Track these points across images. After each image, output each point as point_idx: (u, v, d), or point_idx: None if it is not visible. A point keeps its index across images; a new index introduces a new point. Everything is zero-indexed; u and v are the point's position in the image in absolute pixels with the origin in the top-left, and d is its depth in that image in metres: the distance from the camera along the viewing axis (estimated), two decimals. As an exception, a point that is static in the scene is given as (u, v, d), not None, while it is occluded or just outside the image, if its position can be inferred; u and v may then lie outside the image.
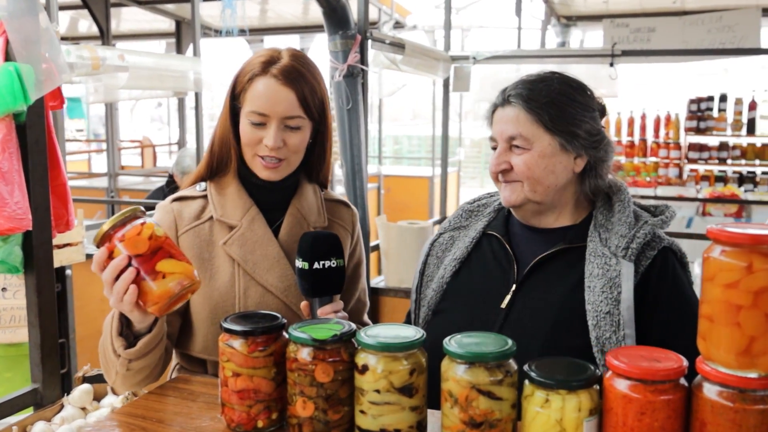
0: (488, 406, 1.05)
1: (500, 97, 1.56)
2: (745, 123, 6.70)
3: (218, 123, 1.62)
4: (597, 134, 1.54)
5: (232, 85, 1.58)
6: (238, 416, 1.20)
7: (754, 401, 0.94)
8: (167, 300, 1.29)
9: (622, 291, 1.42)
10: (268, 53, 1.56)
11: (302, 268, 1.43)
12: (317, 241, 1.45)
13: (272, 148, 1.53)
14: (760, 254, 0.92)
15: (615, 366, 1.01)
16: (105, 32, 6.65)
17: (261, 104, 1.52)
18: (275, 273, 1.58)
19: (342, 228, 1.73)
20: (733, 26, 5.83)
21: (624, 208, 1.53)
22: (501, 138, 1.54)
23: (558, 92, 1.52)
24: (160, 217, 1.62)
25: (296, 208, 1.65)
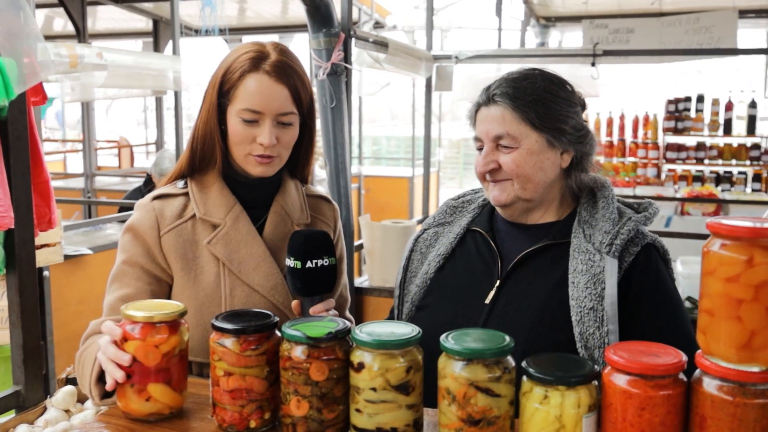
0: (486, 403, 1.04)
1: (484, 96, 1.55)
2: (722, 123, 6.78)
3: (200, 120, 1.57)
4: (582, 129, 1.55)
5: (218, 82, 1.53)
6: (230, 416, 1.18)
7: (755, 395, 0.94)
8: (137, 415, 1.23)
9: (606, 287, 1.42)
10: (255, 48, 1.53)
11: (294, 267, 1.40)
12: (309, 240, 1.42)
13: (267, 146, 1.50)
14: (761, 247, 0.92)
15: (614, 361, 1.01)
16: (81, 31, 6.57)
17: (255, 102, 1.49)
18: (261, 272, 1.56)
19: (324, 224, 1.72)
20: (710, 27, 5.89)
21: (608, 205, 1.53)
22: (487, 137, 1.53)
23: (543, 89, 1.52)
24: (141, 216, 1.57)
25: (280, 205, 1.63)
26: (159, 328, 1.21)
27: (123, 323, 1.22)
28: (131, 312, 1.21)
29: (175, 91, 4.68)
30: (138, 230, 1.55)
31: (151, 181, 4.95)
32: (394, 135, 18.89)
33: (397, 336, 1.10)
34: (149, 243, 1.54)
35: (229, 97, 1.52)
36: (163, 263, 1.55)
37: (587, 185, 1.60)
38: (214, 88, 1.54)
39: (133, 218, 1.58)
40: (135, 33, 9.15)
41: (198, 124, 1.57)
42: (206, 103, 1.55)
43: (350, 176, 3.17)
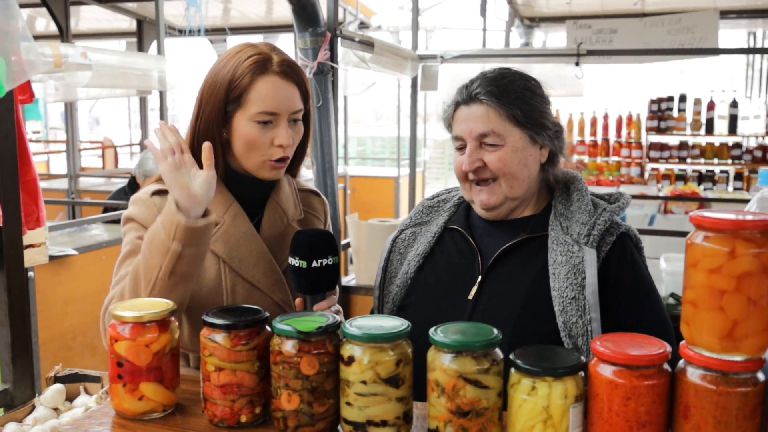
0: (475, 394, 1.06)
1: (464, 94, 1.57)
2: (704, 123, 6.85)
3: (200, 123, 1.53)
4: (557, 125, 1.60)
5: (223, 89, 1.50)
6: (221, 411, 1.19)
7: (737, 384, 0.96)
8: (131, 415, 1.23)
9: (586, 276, 1.46)
10: (254, 51, 1.51)
11: (300, 266, 1.41)
12: (315, 240, 1.44)
13: (287, 146, 1.51)
14: (743, 239, 0.94)
15: (600, 352, 1.03)
16: (64, 31, 6.52)
17: (271, 103, 1.49)
18: (261, 269, 1.57)
19: (316, 218, 1.74)
20: (692, 28, 5.95)
21: (582, 197, 1.58)
22: (470, 136, 1.55)
23: (522, 87, 1.56)
24: (142, 210, 1.55)
25: (276, 202, 1.64)
26: (149, 327, 1.21)
27: (113, 324, 1.23)
28: (120, 312, 1.21)
29: (160, 91, 4.66)
30: (142, 222, 1.53)
31: (135, 182, 4.92)
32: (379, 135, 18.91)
33: (387, 329, 1.11)
34: None
35: (239, 102, 1.50)
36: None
37: (560, 179, 1.64)
38: (218, 95, 1.50)
39: (133, 212, 1.56)
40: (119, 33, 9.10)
41: (199, 127, 1.54)
42: (209, 108, 1.52)
43: (337, 176, 3.18)
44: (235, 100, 1.50)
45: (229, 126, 1.52)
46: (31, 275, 3.81)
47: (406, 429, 1.14)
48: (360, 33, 3.50)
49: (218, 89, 1.51)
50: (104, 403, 1.30)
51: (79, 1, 6.90)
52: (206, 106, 1.52)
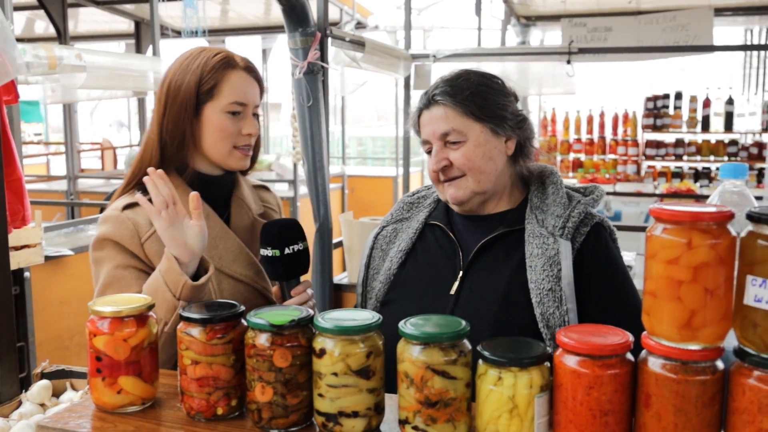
0: (443, 385, 1.08)
1: (424, 99, 1.63)
2: (700, 120, 6.87)
3: (167, 122, 1.58)
4: (519, 115, 1.64)
5: (194, 83, 1.57)
6: (197, 404, 1.21)
7: (696, 372, 0.98)
8: (110, 408, 1.25)
9: (561, 268, 1.49)
10: (216, 51, 1.61)
11: (273, 255, 1.47)
12: (284, 229, 1.50)
13: (254, 134, 1.61)
14: (699, 231, 0.96)
15: (564, 343, 1.05)
16: (62, 33, 6.55)
17: (241, 95, 1.59)
18: (241, 263, 1.62)
19: (273, 211, 1.81)
20: (687, 25, 5.97)
21: (557, 190, 1.61)
22: (434, 137, 1.60)
23: (477, 83, 1.60)
24: (116, 228, 1.56)
25: (240, 198, 1.70)
26: (127, 322, 1.23)
27: (91, 319, 1.25)
28: (99, 308, 1.23)
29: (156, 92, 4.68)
30: (119, 241, 1.55)
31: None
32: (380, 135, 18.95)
33: (358, 322, 1.13)
34: (134, 251, 1.56)
35: (212, 94, 1.57)
36: (152, 267, 1.56)
37: (536, 173, 1.67)
38: (188, 91, 1.57)
39: (107, 231, 1.56)
40: (117, 35, 9.14)
41: (166, 126, 1.59)
42: (176, 105, 1.58)
43: (328, 174, 3.20)
44: (207, 92, 1.57)
45: (198, 119, 1.59)
46: (27, 275, 3.85)
47: (377, 420, 1.16)
48: (351, 33, 3.52)
49: (187, 85, 1.57)
50: (84, 397, 1.32)
51: (77, 3, 6.93)
52: (173, 104, 1.58)
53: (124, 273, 1.54)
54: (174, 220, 1.45)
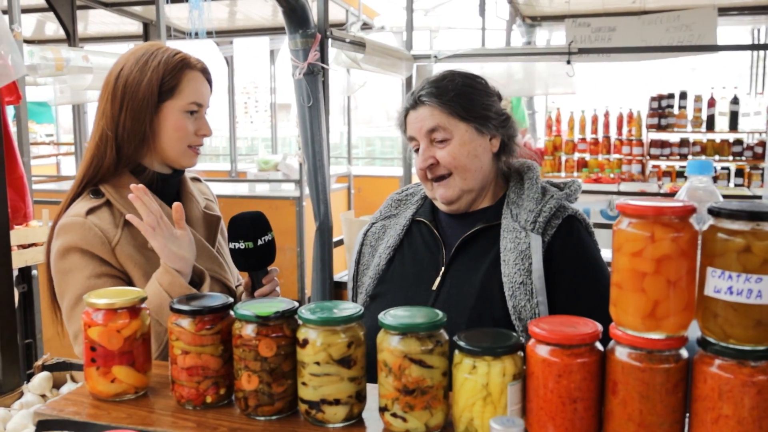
0: (420, 373, 1.12)
1: (410, 100, 1.67)
2: (705, 120, 6.87)
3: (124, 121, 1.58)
4: (503, 114, 1.68)
5: (156, 81, 1.58)
6: (187, 392, 1.26)
7: (660, 361, 1.02)
8: (104, 396, 1.30)
9: (532, 262, 1.54)
10: (172, 50, 1.65)
11: (246, 248, 1.52)
12: (255, 222, 1.55)
13: (207, 134, 1.66)
14: (662, 224, 1.00)
15: (536, 333, 1.09)
16: (71, 35, 6.62)
17: (199, 95, 1.64)
18: (204, 256, 1.67)
19: (211, 202, 1.86)
20: (691, 25, 5.98)
21: (533, 185, 1.65)
22: (420, 134, 1.64)
23: (462, 84, 1.65)
24: (84, 235, 1.54)
25: (189, 193, 1.76)
26: (120, 313, 1.28)
27: (87, 311, 1.30)
28: (93, 300, 1.28)
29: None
30: (88, 249, 1.54)
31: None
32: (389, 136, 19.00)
33: (339, 314, 1.18)
34: (105, 258, 1.55)
35: (172, 94, 1.61)
36: (123, 271, 1.58)
37: (516, 169, 1.71)
38: (149, 89, 1.58)
39: (73, 239, 1.54)
40: (126, 36, 9.21)
41: (123, 124, 1.59)
42: (135, 103, 1.58)
43: (328, 173, 3.24)
44: (168, 91, 1.61)
45: (157, 117, 1.61)
46: (35, 273, 3.91)
47: (359, 407, 1.20)
48: (352, 34, 3.57)
49: (148, 82, 1.58)
50: (80, 386, 1.37)
51: (86, 5, 7.00)
52: (132, 101, 1.58)
53: (99, 282, 1.53)
54: (167, 235, 1.50)
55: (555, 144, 7.11)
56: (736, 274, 0.96)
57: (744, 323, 0.97)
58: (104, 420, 1.22)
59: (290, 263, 6.03)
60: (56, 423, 1.24)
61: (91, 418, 1.23)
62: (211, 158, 17.26)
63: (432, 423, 1.15)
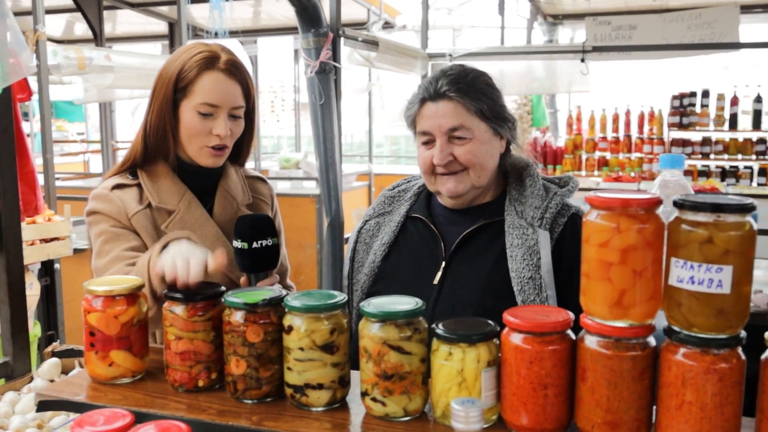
0: (398, 359, 1.17)
1: (430, 91, 1.64)
2: (728, 118, 6.80)
3: (152, 115, 1.67)
4: (512, 117, 1.70)
5: (173, 79, 1.64)
6: (180, 376, 1.32)
7: (627, 348, 1.05)
8: (102, 379, 1.36)
9: (541, 257, 1.56)
10: (205, 49, 1.66)
11: (242, 248, 1.54)
12: (255, 224, 1.57)
13: (223, 137, 1.65)
14: (628, 216, 1.03)
15: (509, 321, 1.12)
16: (98, 35, 6.75)
17: (212, 96, 1.63)
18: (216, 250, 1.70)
19: (263, 202, 1.88)
20: (712, 23, 5.93)
21: (534, 183, 1.67)
22: (440, 131, 1.62)
23: (484, 83, 1.66)
24: (105, 205, 1.66)
25: (225, 189, 1.78)
26: (118, 300, 1.34)
27: (86, 297, 1.36)
28: (93, 287, 1.34)
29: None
30: (109, 214, 1.66)
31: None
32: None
33: (323, 301, 1.23)
34: (124, 223, 1.66)
35: (185, 92, 1.64)
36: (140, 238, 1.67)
37: (515, 166, 1.73)
38: (168, 85, 1.65)
39: (96, 206, 1.67)
40: (153, 36, 9.37)
41: (151, 118, 1.68)
42: (159, 99, 1.66)
43: (340, 171, 3.29)
44: (183, 89, 1.65)
45: (177, 114, 1.67)
46: (57, 267, 4.03)
47: (342, 392, 1.25)
48: (365, 33, 3.61)
49: (168, 80, 1.65)
50: (82, 371, 1.43)
51: (113, 5, 7.14)
52: (158, 97, 1.67)
53: (122, 231, 1.64)
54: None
55: (575, 143, 7.08)
56: (697, 264, 0.99)
57: (706, 312, 1.00)
58: (101, 401, 1.28)
59: (310, 260, 6.09)
60: (55, 403, 1.30)
61: (88, 398, 1.30)
62: (237, 157, 17.35)
63: (410, 407, 1.19)
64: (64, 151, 12.85)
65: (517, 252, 1.59)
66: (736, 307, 1.00)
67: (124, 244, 1.64)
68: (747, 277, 1.00)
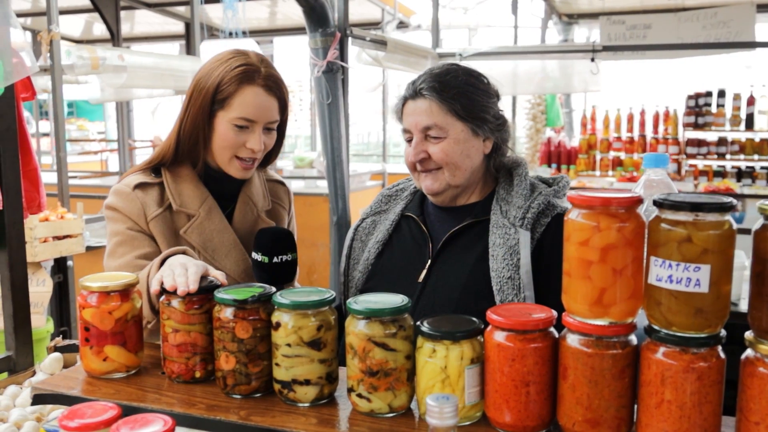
0: (383, 356, 1.18)
1: (411, 90, 1.68)
2: (744, 118, 6.73)
3: (188, 120, 1.67)
4: (500, 117, 1.69)
5: (212, 89, 1.63)
6: (177, 368, 1.34)
7: (607, 347, 1.06)
8: (97, 374, 1.38)
9: (521, 257, 1.55)
10: (244, 61, 1.64)
11: (262, 261, 1.57)
12: (276, 238, 1.59)
13: (257, 151, 1.66)
14: (608, 215, 1.04)
15: (492, 319, 1.13)
16: (115, 35, 6.82)
17: (250, 111, 1.63)
18: (232, 258, 1.71)
19: (281, 207, 1.88)
20: (728, 22, 5.89)
21: (521, 182, 1.66)
22: (416, 129, 1.66)
23: (464, 82, 1.66)
24: (126, 204, 1.67)
25: (247, 195, 1.78)
26: (112, 296, 1.37)
27: (82, 293, 1.39)
28: (88, 283, 1.37)
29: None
30: (128, 214, 1.66)
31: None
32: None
33: (311, 299, 1.24)
34: (141, 226, 1.67)
35: (223, 104, 1.63)
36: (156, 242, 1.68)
37: (506, 165, 1.73)
38: (206, 95, 1.63)
39: (116, 203, 1.68)
40: (170, 36, 9.45)
41: (185, 123, 1.68)
42: (195, 107, 1.65)
43: (347, 170, 3.31)
44: (221, 101, 1.64)
45: (211, 123, 1.66)
46: (70, 264, 4.08)
47: (329, 388, 1.26)
48: (373, 32, 3.63)
49: (207, 89, 1.64)
50: (77, 365, 1.46)
51: (130, 6, 7.21)
52: (194, 104, 1.66)
53: (137, 235, 1.65)
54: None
55: (590, 142, 7.05)
56: (675, 263, 0.99)
57: (685, 311, 1.00)
58: (94, 395, 1.30)
59: (323, 259, 6.12)
60: (51, 397, 1.33)
61: (82, 393, 1.32)
62: (255, 156, 17.47)
63: (395, 404, 1.20)
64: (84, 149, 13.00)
65: (498, 251, 1.60)
66: (714, 306, 1.00)
67: (136, 251, 1.65)
68: (726, 276, 1.00)
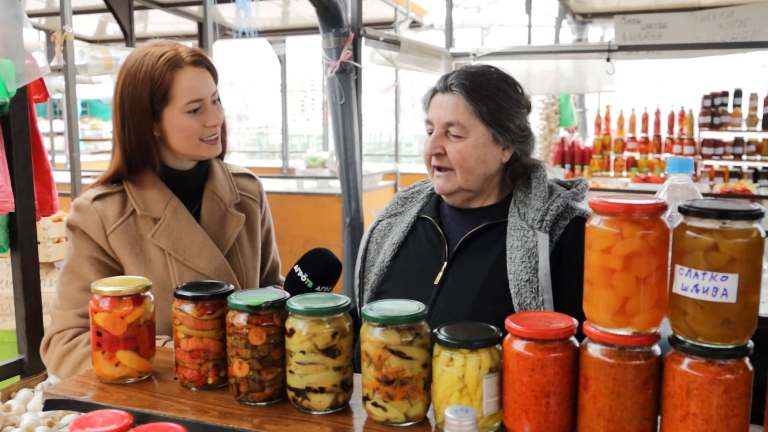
0: (399, 364, 1.15)
1: (441, 83, 1.66)
2: (761, 118, 6.65)
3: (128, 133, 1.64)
4: (525, 129, 1.66)
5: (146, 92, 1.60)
6: (190, 374, 1.32)
7: (630, 357, 1.03)
8: (109, 379, 1.37)
9: (539, 260, 1.53)
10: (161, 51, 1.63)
11: (305, 282, 1.57)
12: (330, 269, 1.59)
13: (218, 124, 1.67)
14: (631, 222, 1.01)
15: (512, 328, 1.11)
16: (128, 35, 6.85)
17: (195, 91, 1.63)
18: (204, 257, 1.70)
19: (252, 200, 1.86)
20: (745, 21, 5.82)
21: (540, 184, 1.64)
22: (438, 123, 1.64)
23: (496, 87, 1.63)
24: (84, 218, 1.65)
25: (211, 191, 1.77)
26: (124, 301, 1.35)
27: (94, 298, 1.37)
28: (100, 288, 1.35)
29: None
30: (85, 231, 1.65)
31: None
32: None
33: (326, 305, 1.22)
34: (98, 242, 1.66)
35: (166, 100, 1.62)
36: (114, 258, 1.68)
37: (525, 168, 1.70)
38: (141, 102, 1.61)
39: (75, 219, 1.67)
40: (183, 36, 9.45)
41: (128, 137, 1.64)
42: (135, 117, 1.63)
43: (360, 170, 3.29)
44: (161, 99, 1.62)
45: (159, 123, 1.65)
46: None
47: (344, 396, 1.24)
48: (386, 33, 3.60)
49: (139, 97, 1.61)
50: (89, 369, 1.44)
51: (143, 6, 7.23)
52: (130, 116, 1.63)
53: (84, 263, 1.64)
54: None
55: (604, 142, 6.99)
56: (702, 272, 0.96)
57: (711, 321, 0.97)
58: (106, 401, 1.29)
59: (335, 259, 6.11)
60: (62, 402, 1.31)
61: (94, 399, 1.30)
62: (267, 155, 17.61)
63: (411, 413, 1.17)
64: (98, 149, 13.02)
65: (516, 254, 1.58)
66: (742, 316, 0.97)
67: (81, 282, 1.64)
68: (754, 286, 0.97)
